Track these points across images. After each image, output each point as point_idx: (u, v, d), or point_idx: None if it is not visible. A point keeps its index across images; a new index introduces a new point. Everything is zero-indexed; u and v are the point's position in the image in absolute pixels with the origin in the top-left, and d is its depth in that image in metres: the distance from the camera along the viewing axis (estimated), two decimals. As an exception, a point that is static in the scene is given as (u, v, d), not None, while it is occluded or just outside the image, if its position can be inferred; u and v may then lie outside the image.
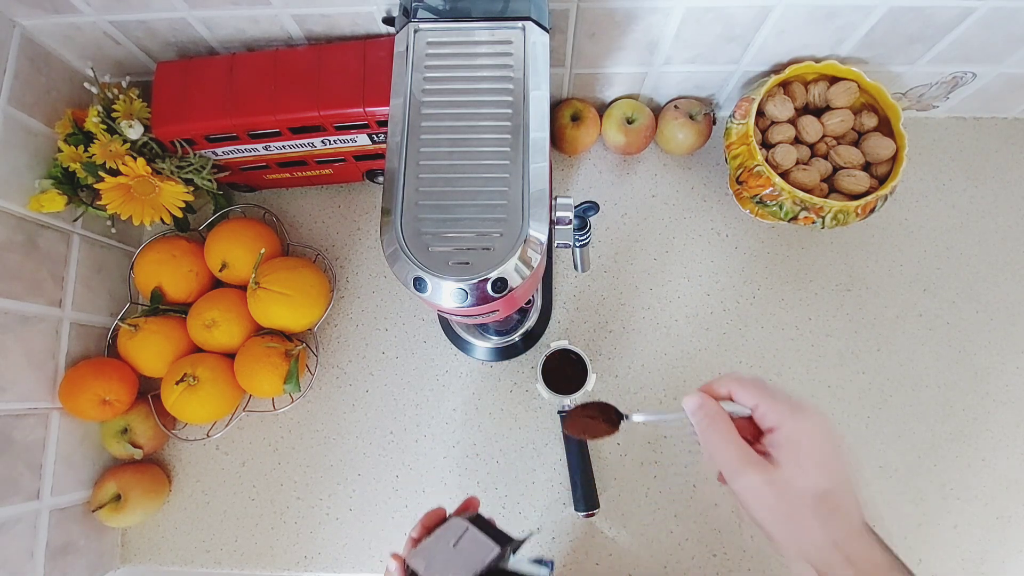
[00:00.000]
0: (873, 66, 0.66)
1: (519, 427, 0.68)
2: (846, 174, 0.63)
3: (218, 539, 0.67)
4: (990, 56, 0.64)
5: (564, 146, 0.73)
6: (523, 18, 0.46)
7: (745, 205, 0.68)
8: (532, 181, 0.42)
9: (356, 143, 0.64)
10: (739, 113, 0.64)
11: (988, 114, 0.76)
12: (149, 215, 0.61)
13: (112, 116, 0.59)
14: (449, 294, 0.40)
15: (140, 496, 0.64)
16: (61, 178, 0.60)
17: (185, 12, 0.58)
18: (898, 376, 0.69)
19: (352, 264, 0.73)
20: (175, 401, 0.62)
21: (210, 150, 0.63)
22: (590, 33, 0.61)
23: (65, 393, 0.61)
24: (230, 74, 0.60)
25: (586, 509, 0.62)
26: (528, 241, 0.40)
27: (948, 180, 0.74)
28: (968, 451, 0.67)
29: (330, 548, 0.66)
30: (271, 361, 0.64)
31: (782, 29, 0.60)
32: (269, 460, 0.69)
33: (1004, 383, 0.68)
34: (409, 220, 0.41)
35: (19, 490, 0.56)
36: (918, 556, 0.64)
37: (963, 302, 0.71)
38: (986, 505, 0.65)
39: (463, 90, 0.44)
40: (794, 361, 0.69)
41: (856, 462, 0.67)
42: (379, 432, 0.69)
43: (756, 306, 0.71)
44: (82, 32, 0.60)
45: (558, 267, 0.72)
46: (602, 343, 0.70)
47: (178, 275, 0.66)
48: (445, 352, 0.70)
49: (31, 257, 0.59)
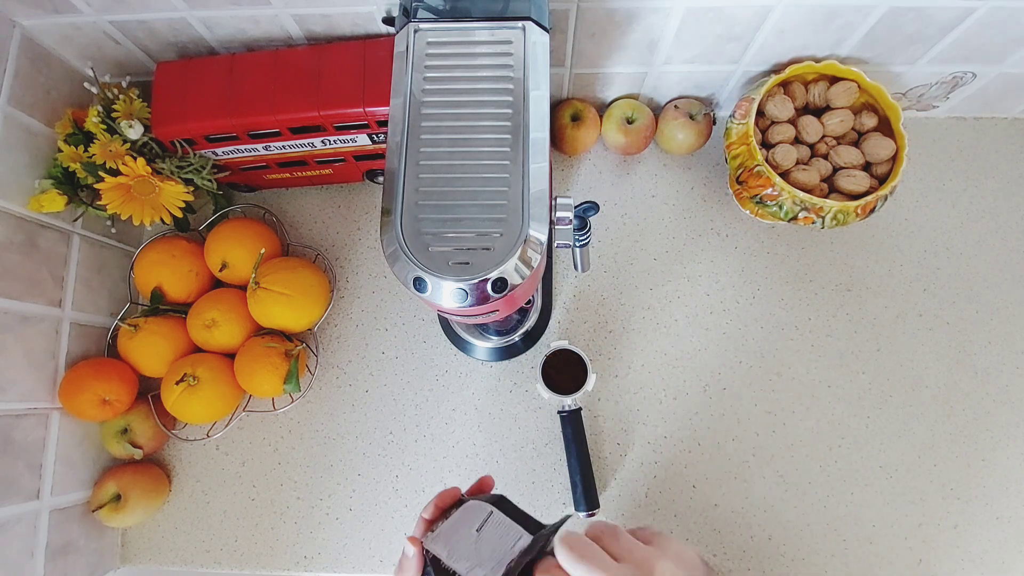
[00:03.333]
0: (873, 66, 0.66)
1: (519, 427, 0.68)
2: (846, 174, 0.63)
3: (218, 539, 0.67)
4: (990, 56, 0.64)
5: (564, 146, 0.73)
6: (523, 18, 0.46)
7: (745, 205, 0.68)
8: (532, 181, 0.42)
9: (356, 143, 0.64)
10: (739, 113, 0.64)
11: (988, 114, 0.76)
12: (149, 215, 0.61)
13: (112, 116, 0.59)
14: (449, 294, 0.40)
15: (140, 496, 0.64)
16: (61, 178, 0.60)
17: (185, 12, 0.58)
18: (898, 376, 0.69)
19: (352, 264, 0.73)
20: (175, 401, 0.62)
21: (210, 150, 0.63)
22: (590, 33, 0.61)
23: (65, 393, 0.61)
24: (230, 74, 0.60)
25: (586, 509, 0.62)
26: (528, 241, 0.40)
27: (948, 180, 0.74)
28: (968, 451, 0.67)
29: (330, 548, 0.66)
30: (271, 361, 0.64)
31: (782, 29, 0.60)
32: (269, 460, 0.69)
33: (1004, 383, 0.68)
34: (409, 220, 0.41)
35: (19, 490, 0.56)
36: (918, 556, 0.64)
37: (963, 302, 0.71)
38: (986, 505, 0.65)
39: (463, 90, 0.44)
40: (794, 361, 0.69)
41: (851, 469, 0.67)
42: (379, 432, 0.69)
43: (756, 306, 0.71)
44: (82, 32, 0.60)
45: (558, 267, 0.72)
46: (602, 343, 0.70)
47: (178, 275, 0.66)
48: (445, 352, 0.70)
49: (31, 257, 0.59)
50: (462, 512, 0.39)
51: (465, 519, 0.39)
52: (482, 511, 0.39)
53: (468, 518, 0.38)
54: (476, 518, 0.38)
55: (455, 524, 0.39)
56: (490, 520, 0.38)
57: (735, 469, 0.66)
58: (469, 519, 0.38)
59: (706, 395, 0.68)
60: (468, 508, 0.40)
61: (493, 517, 0.38)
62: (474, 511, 0.39)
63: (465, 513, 0.39)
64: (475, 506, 0.39)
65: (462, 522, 0.38)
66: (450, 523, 0.39)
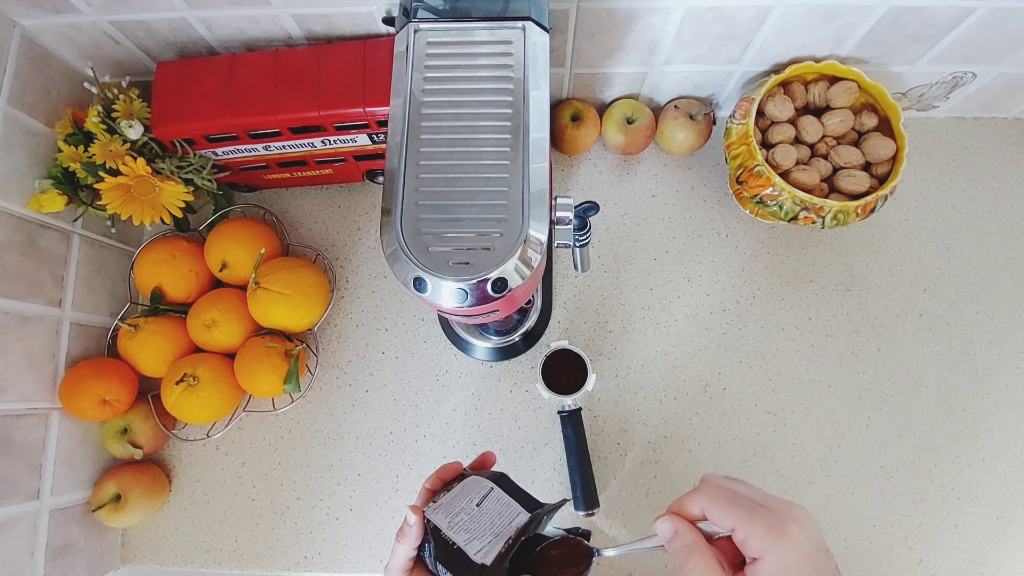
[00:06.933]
0: (873, 66, 0.66)
1: (519, 427, 0.68)
2: (846, 174, 0.63)
3: (218, 539, 0.67)
4: (990, 56, 0.64)
5: (564, 146, 0.73)
6: (523, 18, 0.46)
7: (745, 205, 0.68)
8: (532, 181, 0.42)
9: (356, 143, 0.64)
10: (739, 113, 0.64)
11: (988, 114, 0.76)
12: (149, 215, 0.61)
13: (112, 116, 0.59)
14: (449, 294, 0.40)
15: (140, 496, 0.64)
16: (61, 178, 0.60)
17: (185, 12, 0.58)
18: (898, 376, 0.69)
19: (352, 264, 0.73)
20: (175, 401, 0.62)
21: (210, 150, 0.63)
22: (590, 33, 0.61)
23: (65, 393, 0.61)
24: (230, 74, 0.60)
25: (586, 509, 0.62)
26: (528, 241, 0.40)
27: (948, 180, 0.74)
28: (968, 451, 0.67)
29: (330, 548, 0.66)
30: (271, 361, 0.64)
31: (782, 29, 0.60)
32: (269, 460, 0.69)
33: (1004, 383, 0.68)
34: (409, 220, 0.41)
35: (19, 490, 0.56)
36: (918, 556, 0.64)
37: (963, 302, 0.71)
38: (986, 505, 0.65)
39: (463, 90, 0.44)
40: (794, 361, 0.69)
41: (851, 469, 0.67)
42: (379, 432, 0.69)
43: (756, 306, 0.71)
44: (82, 32, 0.60)
45: (558, 267, 0.72)
46: (602, 343, 0.70)
47: (178, 275, 0.66)
48: (445, 352, 0.70)
49: (31, 257, 0.59)
50: (464, 486, 0.40)
51: (466, 492, 0.39)
52: (483, 486, 0.39)
53: (469, 492, 0.39)
54: (477, 493, 0.39)
55: (456, 496, 0.39)
56: (490, 496, 0.39)
57: (735, 469, 0.66)
58: (470, 493, 0.39)
59: (706, 395, 0.68)
60: (470, 482, 0.40)
61: (493, 493, 0.39)
62: (475, 485, 0.40)
63: (467, 487, 0.40)
64: (476, 481, 0.40)
65: (463, 495, 0.39)
66: (452, 495, 0.39)
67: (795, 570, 0.32)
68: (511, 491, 0.40)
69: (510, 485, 0.41)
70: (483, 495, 0.39)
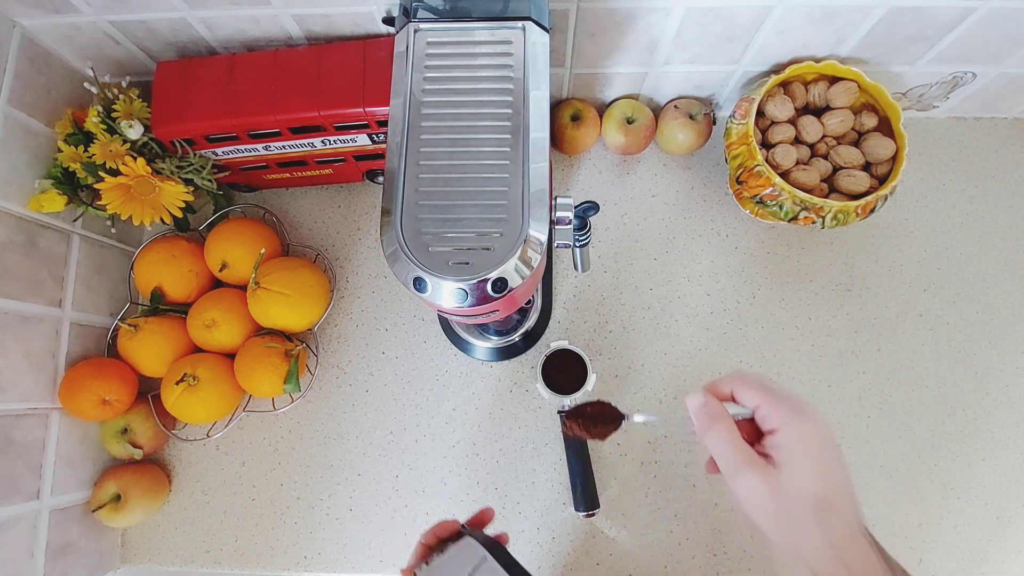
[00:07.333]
0: (873, 66, 0.66)
1: (519, 427, 0.68)
2: (846, 174, 0.63)
3: (218, 539, 0.67)
4: (990, 56, 0.64)
5: (564, 146, 0.73)
6: (523, 18, 0.46)
7: (745, 205, 0.68)
8: (532, 181, 0.42)
9: (356, 143, 0.64)
10: (739, 113, 0.64)
11: (988, 114, 0.76)
12: (149, 215, 0.61)
13: (112, 116, 0.59)
14: (449, 294, 0.40)
15: (140, 496, 0.64)
16: (61, 178, 0.60)
17: (185, 12, 0.58)
18: (898, 376, 0.69)
19: (352, 264, 0.73)
20: (175, 401, 0.62)
21: (210, 150, 0.63)
22: (590, 33, 0.61)
23: (65, 393, 0.61)
24: (230, 74, 0.60)
25: (586, 509, 0.62)
26: (528, 241, 0.40)
27: (948, 180, 0.74)
28: (968, 451, 0.67)
29: (330, 548, 0.66)
30: (271, 361, 0.64)
31: (782, 29, 0.60)
32: (269, 460, 0.69)
33: (1004, 383, 0.68)
34: (409, 220, 0.41)
35: (19, 490, 0.56)
36: (918, 556, 0.64)
37: (963, 302, 0.71)
38: (986, 505, 0.65)
39: (463, 90, 0.44)
40: (794, 361, 0.69)
41: (851, 469, 0.67)
42: (379, 432, 0.69)
43: (756, 306, 0.71)
44: (82, 32, 0.60)
45: (558, 267, 0.72)
46: (602, 343, 0.70)
47: (178, 275, 0.66)
48: (445, 352, 0.70)
49: (31, 257, 0.59)
50: (457, 550, 0.41)
51: (459, 559, 0.41)
52: (476, 555, 0.41)
53: (462, 559, 0.41)
54: (469, 561, 0.40)
55: (448, 562, 0.41)
56: (482, 567, 0.40)
57: (735, 469, 0.66)
58: (463, 560, 0.40)
59: (706, 395, 0.68)
60: (464, 547, 0.41)
61: (486, 564, 0.40)
62: (469, 552, 0.41)
63: (460, 552, 0.41)
64: (471, 547, 0.41)
65: (454, 561, 0.41)
66: (444, 559, 0.41)
67: (809, 442, 0.35)
68: (504, 562, 0.41)
69: (504, 555, 0.42)
70: (475, 565, 0.40)
